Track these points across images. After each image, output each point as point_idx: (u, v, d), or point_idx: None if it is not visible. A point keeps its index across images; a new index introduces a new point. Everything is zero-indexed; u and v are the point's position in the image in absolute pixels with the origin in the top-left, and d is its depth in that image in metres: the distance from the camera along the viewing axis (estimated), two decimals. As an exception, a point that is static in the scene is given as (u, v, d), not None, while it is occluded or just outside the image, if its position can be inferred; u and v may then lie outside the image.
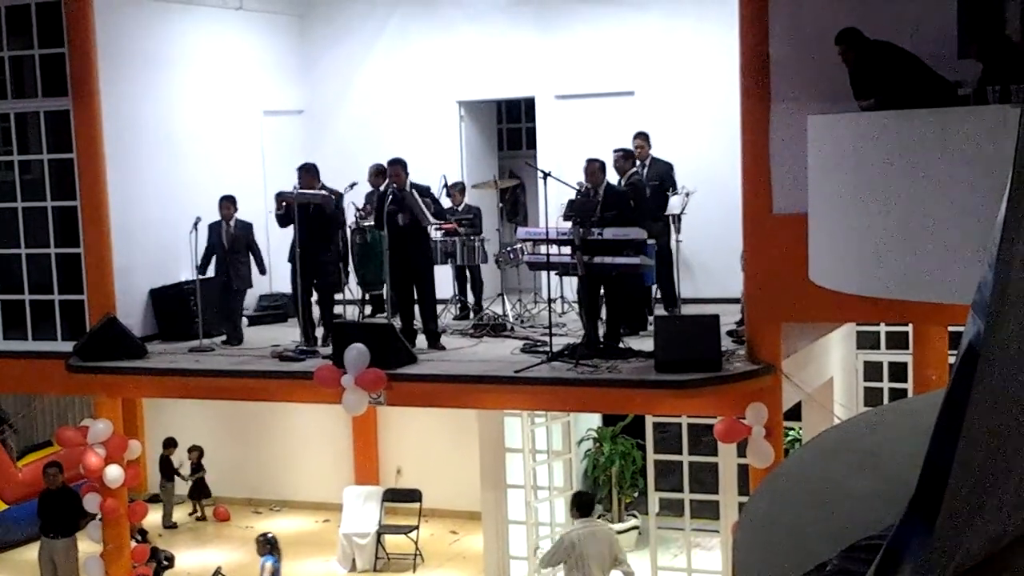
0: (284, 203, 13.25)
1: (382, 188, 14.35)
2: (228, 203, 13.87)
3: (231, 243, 13.86)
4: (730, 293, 12.71)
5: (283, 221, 13.41)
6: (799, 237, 10.07)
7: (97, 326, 13.38)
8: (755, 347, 11.13)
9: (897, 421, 2.74)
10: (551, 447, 14.96)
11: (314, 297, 13.55)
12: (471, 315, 14.25)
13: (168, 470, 17.73)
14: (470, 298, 14.64)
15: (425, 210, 12.84)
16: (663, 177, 13.70)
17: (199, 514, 18.01)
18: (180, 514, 18.02)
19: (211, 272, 13.90)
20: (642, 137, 13.85)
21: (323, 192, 13.33)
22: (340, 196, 13.92)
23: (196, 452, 17.88)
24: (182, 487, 17.94)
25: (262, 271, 14.16)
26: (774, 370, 11.02)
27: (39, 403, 19.05)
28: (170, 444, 17.77)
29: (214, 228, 13.83)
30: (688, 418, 13.43)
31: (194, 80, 14.95)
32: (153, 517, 17.24)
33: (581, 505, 11.98)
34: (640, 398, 11.61)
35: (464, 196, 14.81)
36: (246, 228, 14.01)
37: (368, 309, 14.85)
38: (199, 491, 18.00)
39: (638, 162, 13.72)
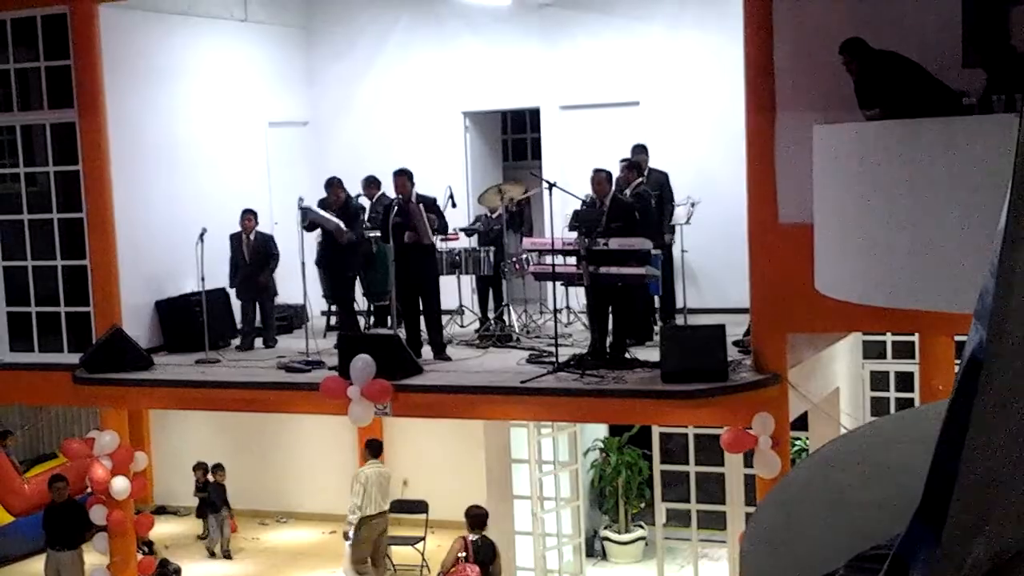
0: (308, 221, 13.60)
1: (374, 200, 14.47)
2: (249, 216, 14.15)
3: (252, 255, 13.99)
4: (735, 303, 12.70)
5: (310, 227, 13.82)
6: (805, 247, 10.05)
7: (103, 338, 13.39)
8: (761, 357, 11.12)
9: (904, 430, 2.74)
10: (557, 458, 14.96)
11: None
12: (492, 326, 14.14)
13: (214, 502, 17.12)
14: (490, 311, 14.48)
15: (427, 225, 12.85)
16: (662, 187, 13.70)
17: (205, 533, 17.91)
18: (188, 533, 18.00)
19: (222, 283, 14.07)
20: (643, 150, 13.84)
21: (336, 221, 13.50)
22: (363, 208, 14.08)
23: (202, 470, 17.73)
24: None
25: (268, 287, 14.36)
26: (780, 380, 11.00)
27: (45, 415, 19.07)
28: (218, 469, 17.23)
29: (235, 241, 14.00)
30: (694, 428, 13.42)
31: (199, 92, 14.98)
32: (161, 529, 17.26)
33: (373, 449, 14.87)
34: (646, 408, 11.60)
35: (498, 203, 14.67)
36: (266, 240, 14.20)
37: (371, 320, 14.86)
38: (207, 509, 17.84)
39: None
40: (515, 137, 17.99)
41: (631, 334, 12.52)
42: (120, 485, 13.23)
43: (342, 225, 13.49)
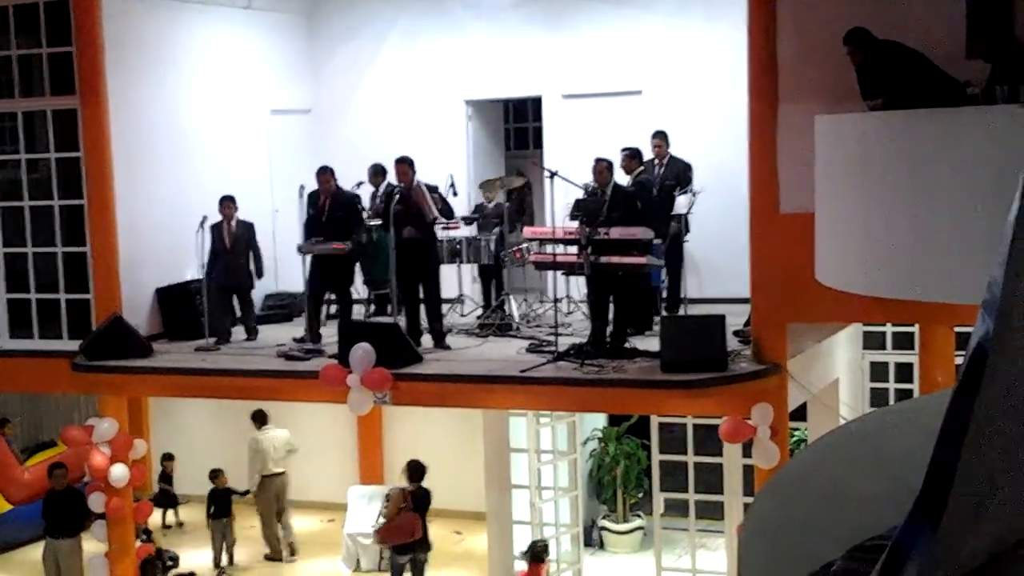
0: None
1: (382, 188, 14.40)
2: (229, 203, 13.87)
3: (232, 243, 13.85)
4: (736, 293, 12.69)
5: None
6: (806, 237, 10.04)
7: (103, 325, 13.39)
8: (761, 347, 11.11)
9: (903, 421, 2.73)
10: (556, 447, 14.96)
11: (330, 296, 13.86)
12: (492, 315, 14.10)
13: (221, 504, 16.18)
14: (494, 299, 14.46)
15: (432, 204, 12.86)
16: (679, 176, 13.64)
17: (175, 521, 17.75)
18: (186, 521, 18.00)
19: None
20: (660, 136, 13.80)
21: (338, 247, 13.31)
22: (357, 198, 14.01)
23: (172, 462, 17.63)
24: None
25: (259, 273, 14.14)
26: (780, 370, 11.00)
27: (45, 402, 19.06)
28: (219, 473, 16.25)
29: (215, 229, 13.80)
30: (693, 418, 13.42)
31: (201, 79, 14.96)
32: (159, 516, 17.27)
33: (258, 419, 15.95)
34: (645, 398, 11.60)
35: (496, 194, 14.68)
36: (247, 228, 14.01)
37: (371, 308, 14.85)
38: (167, 500, 17.63)
39: (656, 161, 13.70)
40: (517, 126, 17.97)
41: (631, 323, 12.51)
42: (119, 473, 13.22)
43: (340, 245, 13.31)
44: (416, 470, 14.14)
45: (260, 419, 16.08)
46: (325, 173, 13.61)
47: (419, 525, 13.79)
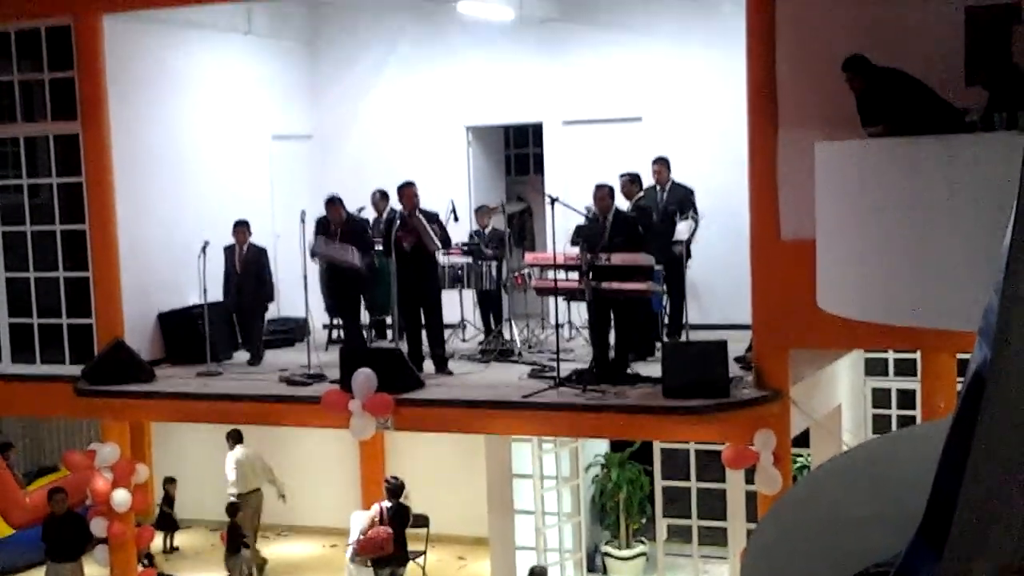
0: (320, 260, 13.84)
1: (385, 214, 14.45)
2: (242, 228, 14.01)
3: (244, 267, 13.93)
4: (737, 319, 12.68)
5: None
6: (807, 263, 10.04)
7: (105, 350, 13.39)
8: (763, 373, 11.10)
9: (905, 448, 2.74)
10: (559, 473, 14.93)
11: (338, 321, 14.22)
12: (493, 340, 14.13)
13: (236, 539, 15.66)
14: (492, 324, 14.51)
15: (432, 235, 12.87)
16: (682, 202, 13.63)
17: (169, 546, 17.69)
18: (189, 545, 17.96)
19: (220, 296, 14.00)
20: (661, 162, 13.80)
21: (352, 261, 13.59)
22: (367, 222, 14.13)
23: (174, 485, 17.66)
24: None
25: (267, 298, 14.27)
26: (782, 396, 10.99)
27: (47, 427, 19.04)
28: (236, 509, 15.83)
29: (228, 252, 13.92)
30: (696, 444, 13.40)
31: (203, 104, 15.00)
32: (161, 542, 17.22)
33: (234, 437, 16.33)
34: (648, 424, 11.58)
35: (490, 219, 14.73)
36: (259, 253, 14.10)
37: (372, 334, 14.86)
38: (168, 524, 17.60)
39: (658, 187, 13.70)
40: (518, 152, 18.00)
41: (633, 349, 12.50)
42: (121, 497, 13.21)
43: (355, 261, 13.51)
44: (392, 488, 14.42)
45: (235, 438, 16.36)
46: (334, 204, 13.68)
47: (390, 540, 14.11)
